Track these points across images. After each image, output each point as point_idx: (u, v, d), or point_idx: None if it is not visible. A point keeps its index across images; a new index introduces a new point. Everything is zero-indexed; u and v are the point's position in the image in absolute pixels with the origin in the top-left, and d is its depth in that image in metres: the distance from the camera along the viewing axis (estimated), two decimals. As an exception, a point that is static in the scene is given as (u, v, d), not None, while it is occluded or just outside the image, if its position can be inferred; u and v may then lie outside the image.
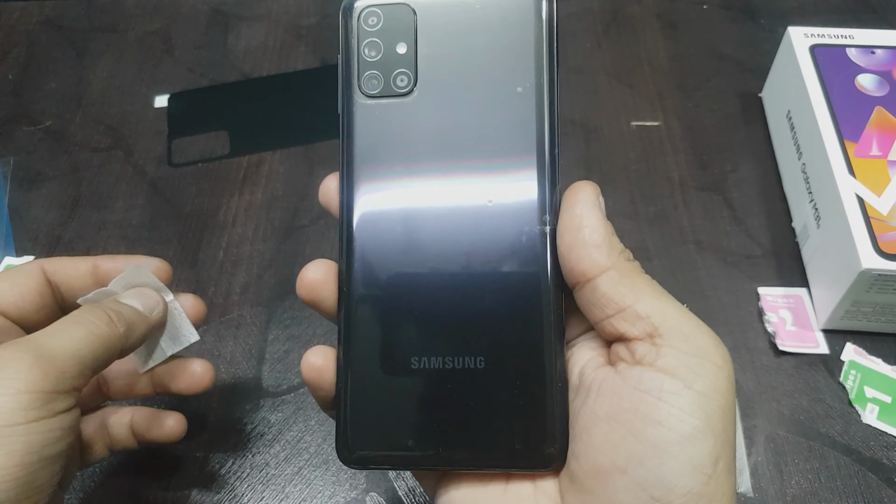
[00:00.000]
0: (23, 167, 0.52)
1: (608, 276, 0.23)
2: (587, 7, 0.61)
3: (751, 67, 0.56)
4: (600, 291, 0.23)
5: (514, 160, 0.24)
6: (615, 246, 0.24)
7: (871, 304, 0.40)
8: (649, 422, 0.21)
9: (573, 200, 0.24)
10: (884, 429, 0.38)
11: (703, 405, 0.21)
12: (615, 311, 0.23)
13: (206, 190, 0.50)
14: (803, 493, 0.37)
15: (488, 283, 0.24)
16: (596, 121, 0.53)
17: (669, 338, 0.22)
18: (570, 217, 0.24)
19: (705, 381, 0.22)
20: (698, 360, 0.22)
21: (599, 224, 0.24)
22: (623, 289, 0.23)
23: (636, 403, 0.22)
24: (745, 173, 0.50)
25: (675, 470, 0.21)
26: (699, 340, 0.22)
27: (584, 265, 0.23)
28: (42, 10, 0.63)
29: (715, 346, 0.22)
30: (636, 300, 0.23)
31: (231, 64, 0.58)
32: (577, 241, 0.24)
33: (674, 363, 0.22)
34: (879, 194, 0.40)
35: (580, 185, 0.24)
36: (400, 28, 0.25)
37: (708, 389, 0.22)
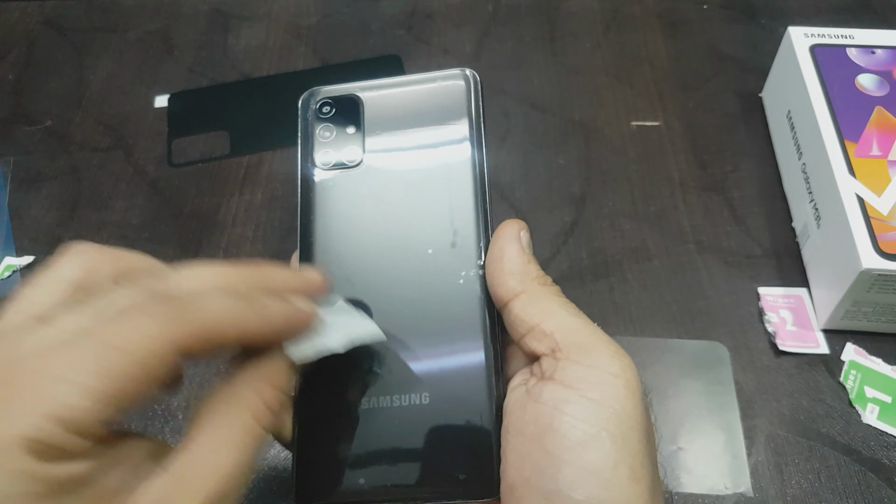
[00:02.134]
0: (23, 167, 0.52)
1: (519, 299, 0.25)
2: (587, 7, 0.61)
3: (751, 67, 0.56)
4: (513, 313, 0.25)
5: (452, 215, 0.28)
6: (529, 273, 0.26)
7: (871, 304, 0.39)
8: (547, 431, 0.22)
9: (496, 236, 0.27)
10: (884, 429, 0.38)
11: (595, 412, 0.22)
12: (526, 331, 0.25)
13: (206, 190, 0.50)
14: (803, 493, 0.37)
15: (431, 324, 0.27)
16: (596, 121, 0.53)
17: (568, 352, 0.24)
18: (492, 251, 0.27)
19: (599, 390, 0.23)
20: (593, 371, 0.23)
21: (515, 255, 0.26)
22: (532, 309, 0.25)
23: (537, 416, 0.23)
24: (745, 173, 0.50)
25: (572, 476, 0.21)
26: (596, 352, 0.24)
27: (500, 291, 0.26)
28: (42, 10, 0.63)
29: (612, 357, 0.24)
30: (542, 319, 0.25)
31: (231, 64, 0.58)
32: (495, 270, 0.26)
33: (570, 375, 0.23)
34: (879, 194, 0.40)
35: (505, 223, 0.27)
36: (348, 113, 0.29)
37: (601, 398, 0.22)
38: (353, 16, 0.61)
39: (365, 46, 0.59)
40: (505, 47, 0.59)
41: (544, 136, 0.53)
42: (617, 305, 0.44)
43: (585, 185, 0.50)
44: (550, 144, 0.52)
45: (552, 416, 0.23)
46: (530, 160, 0.51)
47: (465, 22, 0.61)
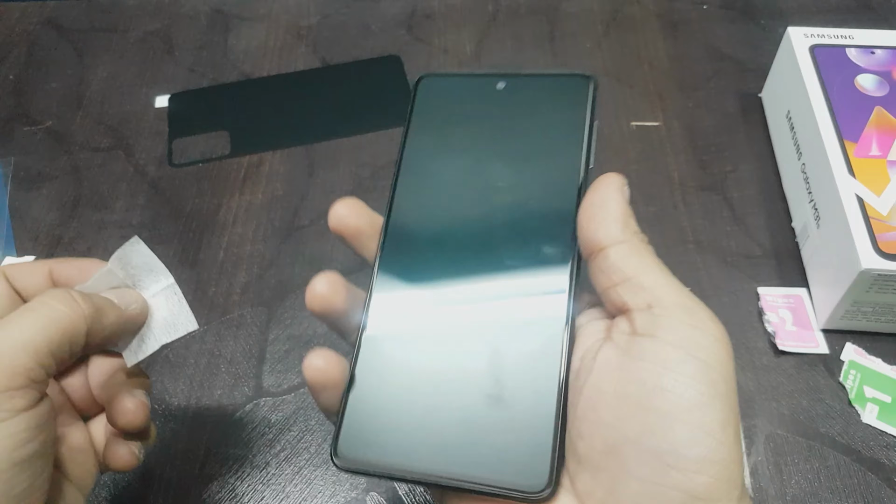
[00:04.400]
0: (23, 167, 0.52)
1: (620, 247, 0.25)
2: (587, 7, 0.61)
3: (751, 67, 0.56)
4: (610, 260, 0.25)
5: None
6: (631, 225, 0.25)
7: (870, 304, 0.40)
8: (656, 391, 0.22)
9: (600, 184, 0.26)
10: (883, 429, 0.38)
11: (707, 373, 0.22)
12: (620, 280, 0.24)
13: (207, 190, 0.51)
14: (803, 493, 0.37)
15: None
16: (596, 121, 0.53)
17: (672, 309, 0.23)
18: (594, 195, 0.26)
19: (708, 351, 0.22)
20: (699, 332, 0.23)
21: (620, 204, 0.26)
22: (631, 261, 0.24)
23: (641, 374, 0.22)
24: (745, 173, 0.50)
25: (686, 436, 0.21)
26: (699, 314, 0.23)
27: (600, 234, 0.25)
28: (42, 10, 0.63)
29: (714, 322, 0.23)
30: (641, 272, 0.24)
31: (231, 64, 0.58)
32: (597, 214, 0.25)
33: (676, 334, 0.23)
34: (879, 194, 0.40)
35: (608, 174, 0.26)
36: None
37: (710, 360, 0.22)
38: (353, 16, 0.61)
39: (365, 46, 0.59)
40: (505, 47, 0.59)
41: (544, 136, 0.53)
42: (617, 305, 0.44)
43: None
44: (550, 144, 0.52)
45: (661, 374, 0.22)
46: (530, 160, 0.51)
47: (465, 22, 0.61)
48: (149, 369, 0.42)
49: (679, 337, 0.23)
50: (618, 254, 0.25)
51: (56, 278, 0.30)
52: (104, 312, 0.28)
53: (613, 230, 0.25)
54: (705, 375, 0.22)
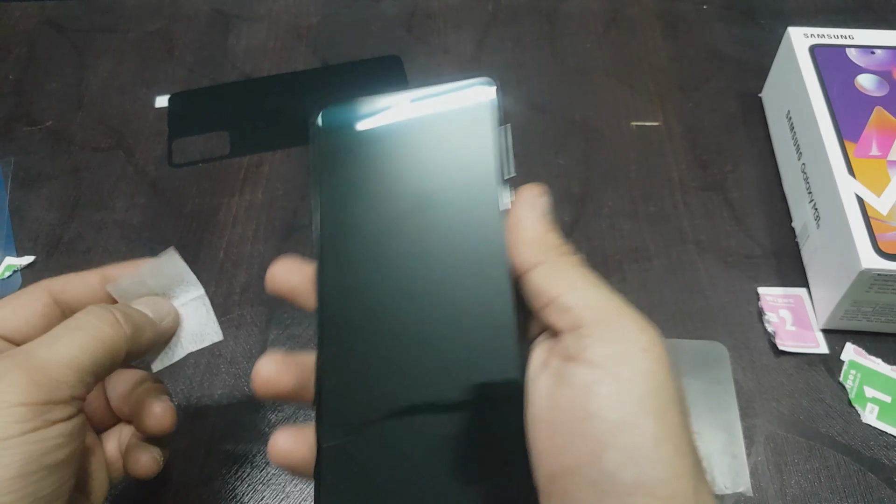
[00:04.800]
0: (23, 167, 0.52)
1: (539, 269, 0.24)
2: (587, 7, 0.61)
3: (751, 67, 0.56)
4: (532, 284, 0.24)
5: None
6: (549, 241, 0.25)
7: (870, 304, 0.40)
8: (584, 417, 0.21)
9: (515, 203, 0.26)
10: (884, 428, 0.38)
11: (630, 390, 0.21)
12: (545, 303, 0.24)
13: (207, 190, 0.51)
14: (803, 493, 0.37)
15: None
16: (596, 121, 0.53)
17: (593, 328, 0.23)
18: (510, 218, 0.26)
19: (631, 366, 0.22)
20: (622, 348, 0.22)
21: (534, 222, 0.25)
22: (552, 280, 0.24)
23: (570, 401, 0.22)
24: (745, 173, 0.50)
25: (617, 460, 0.21)
26: (623, 327, 0.23)
27: (518, 259, 0.25)
28: (42, 10, 0.63)
29: (640, 331, 0.23)
30: (563, 292, 0.24)
31: (231, 64, 0.58)
32: (512, 237, 0.25)
33: (598, 353, 0.22)
34: (879, 194, 0.40)
35: (523, 188, 0.26)
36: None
37: (633, 374, 0.22)
38: (353, 16, 0.61)
39: (365, 46, 0.59)
40: (505, 47, 0.59)
41: (544, 136, 0.53)
42: (617, 305, 0.44)
43: (585, 185, 0.50)
44: (550, 144, 0.52)
45: (586, 399, 0.22)
46: (530, 160, 0.51)
47: (465, 22, 0.61)
48: (149, 370, 0.42)
49: (601, 356, 0.22)
50: (539, 276, 0.24)
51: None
52: (143, 331, 0.29)
53: (529, 252, 0.25)
54: (628, 393, 0.21)
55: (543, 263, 0.24)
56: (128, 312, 0.29)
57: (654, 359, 0.22)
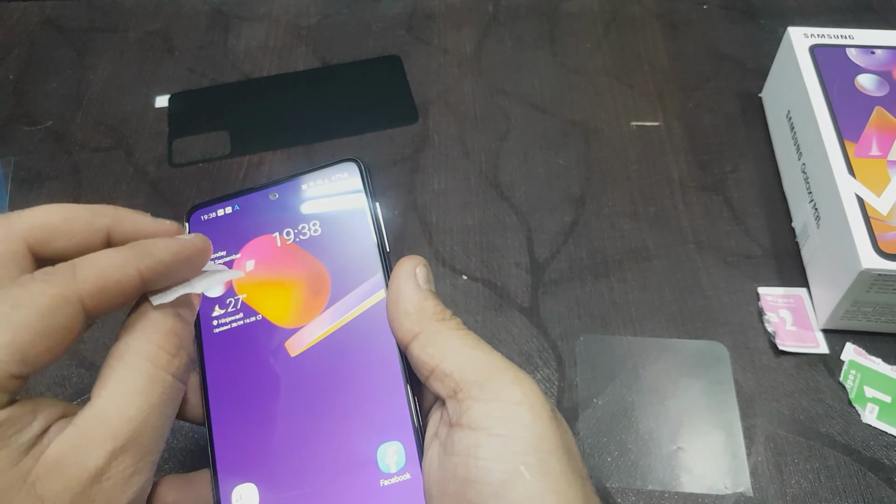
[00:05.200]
0: (23, 167, 0.52)
1: (417, 340, 0.25)
2: (587, 7, 0.61)
3: (751, 67, 0.56)
4: (414, 355, 0.25)
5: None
6: (426, 310, 0.25)
7: (871, 304, 0.40)
8: (467, 484, 0.22)
9: (393, 275, 0.26)
10: (884, 428, 0.38)
11: (507, 447, 0.21)
12: (428, 373, 0.24)
13: (207, 190, 0.51)
14: (803, 493, 0.37)
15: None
16: (596, 121, 0.53)
17: (468, 390, 0.23)
18: (389, 293, 0.26)
19: (505, 423, 0.22)
20: (494, 404, 0.22)
21: (410, 293, 0.26)
22: (430, 350, 0.24)
23: (454, 470, 0.22)
24: (745, 173, 0.50)
25: None
26: (494, 383, 0.23)
27: (398, 334, 0.26)
28: (42, 10, 0.63)
29: (511, 384, 0.23)
30: (441, 359, 0.24)
31: (231, 64, 0.58)
32: (391, 313, 0.26)
33: (474, 415, 0.22)
34: (879, 194, 0.40)
35: (401, 261, 0.27)
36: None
37: (509, 430, 0.22)
38: (353, 16, 0.61)
39: (365, 46, 0.59)
40: (505, 47, 0.59)
41: (544, 136, 0.53)
42: (617, 305, 0.44)
43: (585, 185, 0.50)
44: (550, 144, 0.52)
45: (467, 465, 0.22)
46: (530, 160, 0.51)
47: (465, 22, 0.61)
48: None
49: (477, 417, 0.22)
50: (418, 347, 0.25)
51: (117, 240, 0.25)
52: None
53: (407, 325, 0.25)
54: (505, 451, 0.21)
55: (421, 334, 0.25)
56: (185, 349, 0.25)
57: (528, 410, 0.22)
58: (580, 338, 0.42)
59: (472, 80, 0.56)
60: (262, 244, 0.29)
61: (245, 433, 0.26)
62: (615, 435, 0.39)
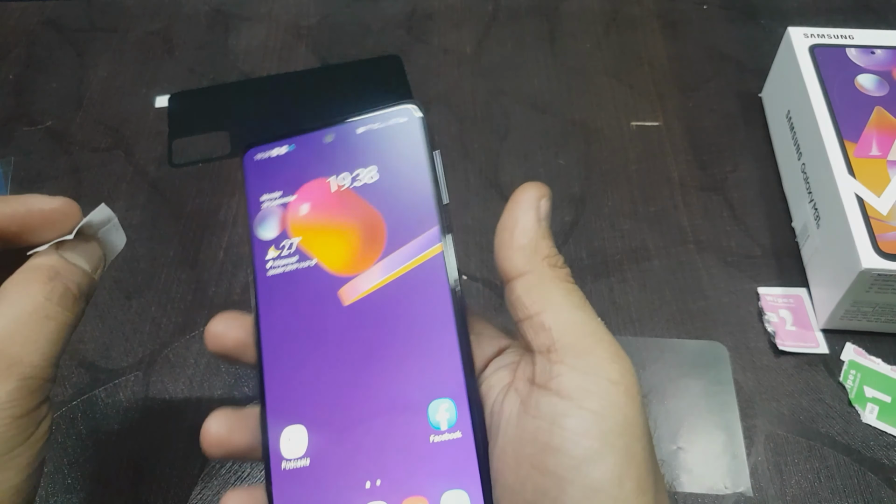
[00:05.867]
0: (23, 167, 0.52)
1: (524, 280, 0.23)
2: (587, 7, 0.61)
3: (751, 67, 0.56)
4: (515, 294, 0.24)
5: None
6: (541, 250, 0.24)
7: (871, 304, 0.40)
8: (548, 450, 0.21)
9: (514, 201, 0.25)
10: (884, 428, 0.38)
11: (597, 424, 0.21)
12: (524, 317, 0.23)
13: (207, 190, 0.51)
14: (803, 493, 0.37)
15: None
16: (596, 121, 0.53)
17: (563, 354, 0.22)
18: (505, 217, 0.25)
19: (599, 399, 0.21)
20: (591, 378, 0.21)
21: (530, 227, 0.24)
22: (534, 295, 0.23)
23: (535, 433, 0.22)
24: (745, 173, 0.50)
25: (576, 497, 0.20)
26: (594, 356, 0.22)
27: (505, 265, 0.24)
28: (42, 10, 0.63)
29: (611, 361, 0.22)
30: (543, 309, 0.23)
31: (231, 64, 0.58)
32: (504, 241, 0.24)
33: (566, 383, 0.21)
34: (879, 194, 0.40)
35: (525, 186, 0.25)
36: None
37: (602, 408, 0.21)
38: (353, 16, 0.61)
39: (365, 46, 0.59)
40: (505, 47, 0.59)
41: (544, 136, 0.53)
42: (617, 305, 0.44)
43: (585, 185, 0.50)
44: (550, 144, 0.52)
45: (551, 432, 0.21)
46: (530, 160, 0.51)
47: (465, 22, 0.61)
48: (149, 369, 0.42)
49: (569, 386, 0.21)
50: (522, 287, 0.23)
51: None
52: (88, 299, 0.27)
53: (518, 260, 0.24)
54: (594, 428, 0.21)
55: (529, 274, 0.23)
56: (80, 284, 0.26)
57: (623, 392, 0.21)
58: (580, 338, 0.42)
59: (472, 80, 0.56)
60: (317, 188, 0.28)
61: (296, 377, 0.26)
62: (615, 435, 0.39)
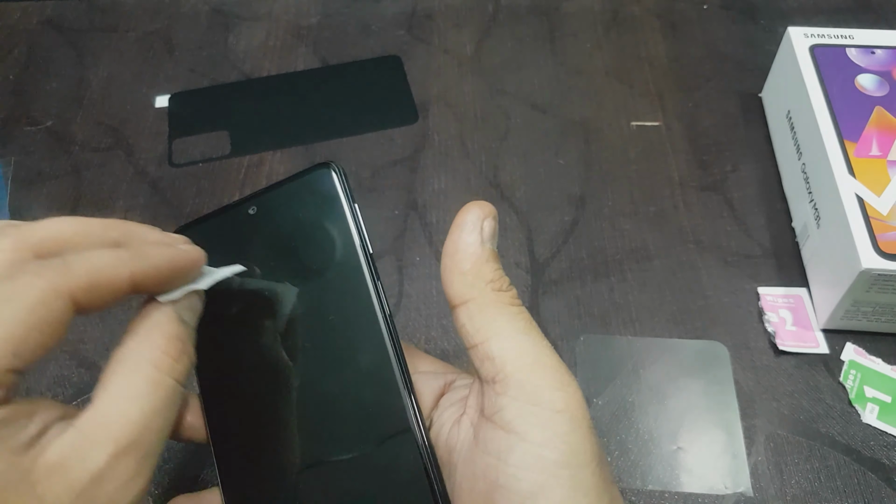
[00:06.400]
0: (24, 167, 0.52)
1: (467, 307, 0.23)
2: (587, 7, 0.61)
3: (751, 67, 0.56)
4: (460, 322, 0.23)
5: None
6: (483, 275, 0.23)
7: (871, 304, 0.40)
8: (496, 488, 0.21)
9: (455, 224, 0.24)
10: (884, 428, 0.38)
11: (542, 457, 0.20)
12: (470, 346, 0.23)
13: (207, 190, 0.51)
14: (803, 493, 0.37)
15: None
16: (596, 121, 0.53)
17: (508, 385, 0.22)
18: (448, 241, 0.24)
19: (541, 430, 0.21)
20: (533, 409, 0.21)
21: (472, 251, 0.23)
22: (478, 323, 0.23)
23: (484, 470, 0.21)
24: (745, 173, 0.50)
25: None
26: (538, 385, 0.21)
27: (449, 292, 0.24)
28: (42, 10, 0.63)
29: (555, 389, 0.21)
30: (487, 337, 0.23)
31: (231, 64, 0.58)
32: (446, 266, 0.24)
33: (510, 416, 0.21)
34: (879, 194, 0.40)
35: (467, 206, 0.24)
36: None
37: (545, 439, 0.21)
38: (353, 16, 0.61)
39: (365, 46, 0.59)
40: (505, 47, 0.59)
41: (544, 136, 0.53)
42: (617, 305, 0.44)
43: (585, 185, 0.50)
44: (550, 144, 0.52)
45: (497, 468, 0.21)
46: (530, 160, 0.51)
47: (465, 22, 0.61)
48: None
49: (512, 419, 0.21)
50: (465, 315, 0.23)
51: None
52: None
53: (459, 287, 0.23)
54: (537, 461, 0.20)
55: (472, 301, 0.23)
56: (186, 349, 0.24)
57: (568, 420, 0.21)
58: (580, 338, 0.42)
59: (472, 80, 0.56)
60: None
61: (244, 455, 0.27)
62: (615, 435, 0.39)
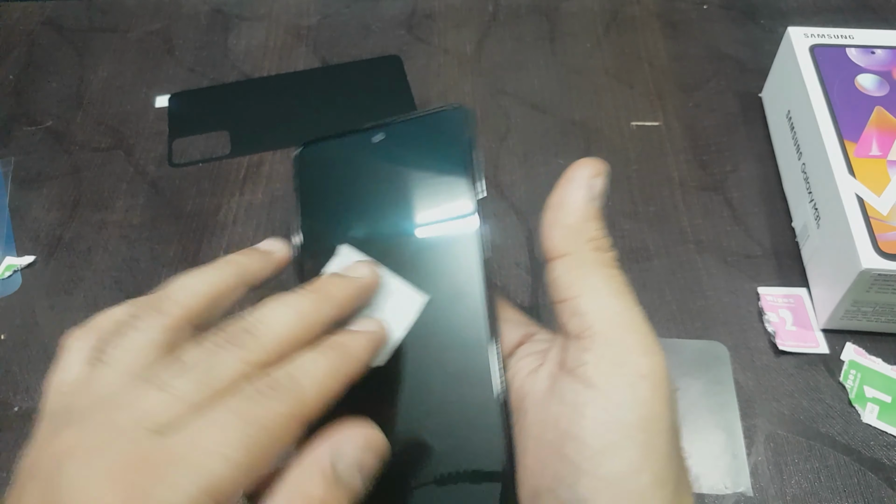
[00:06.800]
0: (24, 167, 0.52)
1: (564, 261, 0.23)
2: (587, 7, 0.61)
3: (751, 67, 0.56)
4: (553, 275, 0.23)
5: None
6: (585, 232, 0.23)
7: (871, 304, 0.40)
8: (568, 438, 0.21)
9: (565, 177, 0.24)
10: (884, 428, 0.38)
11: (620, 417, 0.20)
12: (560, 300, 0.23)
13: (207, 190, 0.51)
14: (803, 493, 0.37)
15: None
16: (596, 121, 0.53)
17: (595, 342, 0.21)
18: (555, 194, 0.24)
19: (623, 392, 0.21)
20: (619, 369, 0.21)
21: (577, 206, 0.23)
22: (573, 278, 0.23)
23: (558, 419, 0.21)
24: (745, 173, 0.50)
25: (591, 486, 0.20)
26: (626, 347, 0.21)
27: (547, 244, 0.23)
28: (42, 10, 0.63)
29: (643, 354, 0.21)
30: (579, 293, 0.22)
31: (231, 64, 0.58)
32: (549, 219, 0.23)
33: (594, 372, 0.21)
34: (879, 194, 0.40)
35: (579, 162, 0.24)
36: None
37: (625, 401, 0.20)
38: (353, 16, 0.61)
39: (365, 46, 0.59)
40: (505, 47, 0.59)
41: (544, 136, 0.53)
42: (617, 305, 0.44)
43: (585, 185, 0.50)
44: (550, 144, 0.52)
45: (572, 419, 0.21)
46: (530, 160, 0.51)
47: (465, 22, 0.61)
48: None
49: (597, 376, 0.21)
50: (561, 269, 0.23)
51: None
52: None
53: (560, 239, 0.23)
54: (618, 420, 0.20)
55: (570, 256, 0.23)
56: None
57: (651, 386, 0.21)
58: (580, 338, 0.42)
59: (472, 80, 0.56)
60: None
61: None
62: (615, 435, 0.39)
